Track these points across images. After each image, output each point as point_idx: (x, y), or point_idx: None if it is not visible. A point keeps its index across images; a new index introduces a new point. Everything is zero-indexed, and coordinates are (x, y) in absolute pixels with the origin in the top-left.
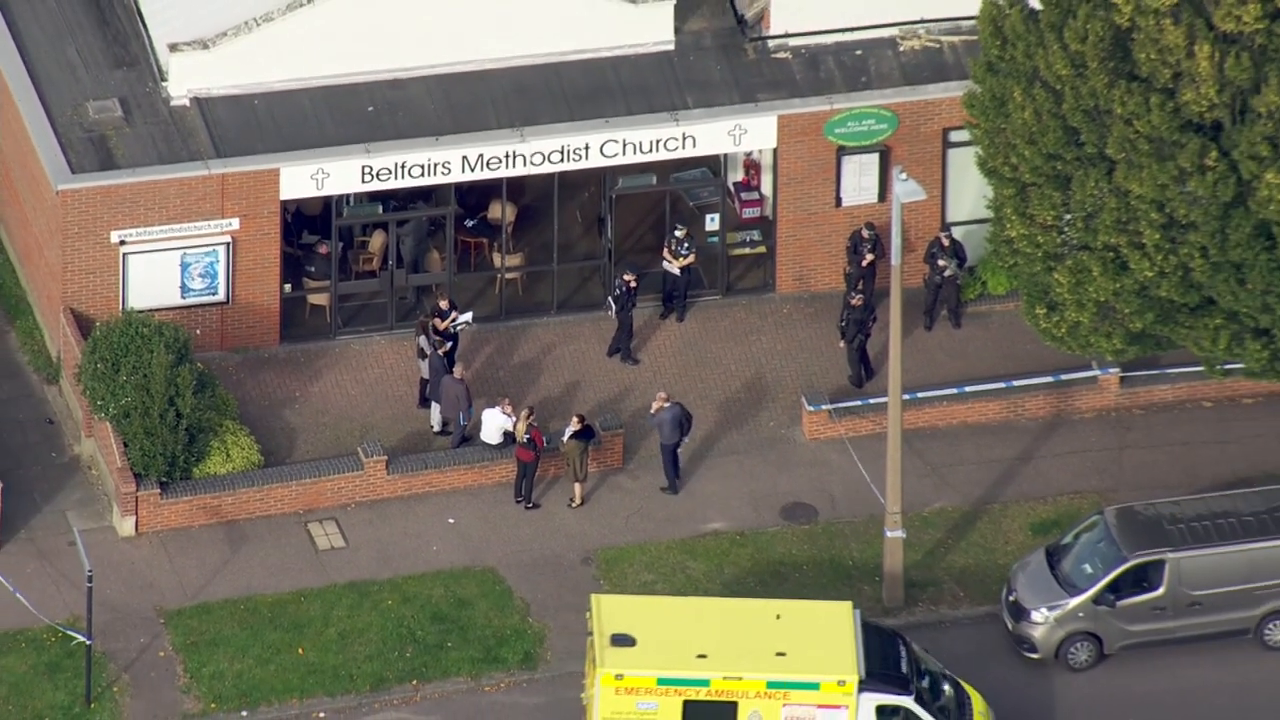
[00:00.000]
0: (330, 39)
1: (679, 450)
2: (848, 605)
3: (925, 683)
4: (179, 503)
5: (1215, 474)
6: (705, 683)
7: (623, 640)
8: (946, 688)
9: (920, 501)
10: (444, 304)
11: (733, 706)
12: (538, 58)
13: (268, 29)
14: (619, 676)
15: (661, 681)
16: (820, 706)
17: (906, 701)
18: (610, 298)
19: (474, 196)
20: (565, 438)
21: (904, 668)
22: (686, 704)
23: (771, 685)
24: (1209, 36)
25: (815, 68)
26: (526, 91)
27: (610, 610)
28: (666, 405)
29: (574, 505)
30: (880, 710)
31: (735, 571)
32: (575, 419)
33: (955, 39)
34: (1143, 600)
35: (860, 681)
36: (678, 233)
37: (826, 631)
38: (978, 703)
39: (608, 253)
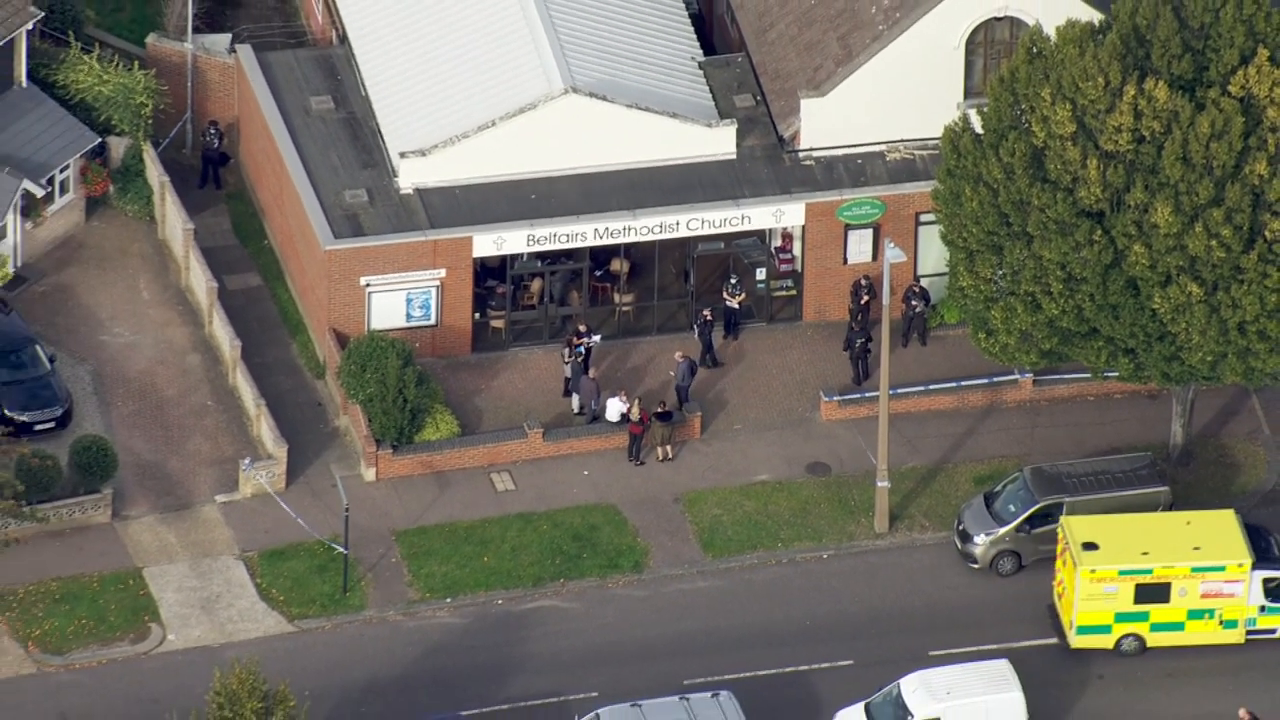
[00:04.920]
0: (507, 149)
1: (689, 389)
2: (1231, 512)
3: None
4: (405, 459)
5: (1096, 445)
6: (1149, 571)
7: (1090, 546)
8: None
9: (899, 462)
10: (581, 328)
11: (1167, 586)
12: (644, 163)
13: (465, 143)
14: (1093, 571)
15: (1121, 573)
16: (1226, 582)
17: None
18: (694, 324)
19: (601, 255)
20: (656, 417)
21: (1275, 552)
22: (1137, 587)
23: (1194, 570)
24: (1096, 154)
25: (830, 171)
26: (637, 185)
27: (1077, 527)
28: (681, 361)
29: (661, 460)
30: (1265, 581)
31: (775, 509)
32: (661, 404)
33: (925, 153)
34: (1049, 529)
35: (1252, 563)
36: (731, 279)
37: (1221, 530)
38: None
39: (690, 294)
